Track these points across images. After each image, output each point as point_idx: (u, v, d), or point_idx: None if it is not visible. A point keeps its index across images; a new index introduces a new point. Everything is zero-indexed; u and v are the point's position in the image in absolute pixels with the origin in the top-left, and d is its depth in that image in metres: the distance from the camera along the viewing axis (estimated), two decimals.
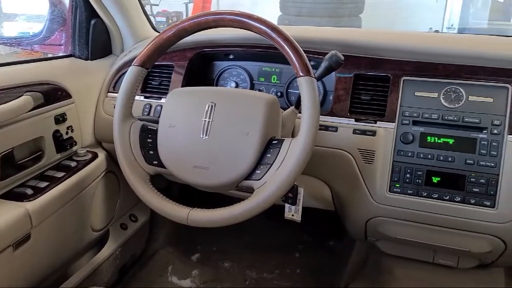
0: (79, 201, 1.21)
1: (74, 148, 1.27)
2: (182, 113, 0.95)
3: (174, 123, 0.95)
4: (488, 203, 1.00)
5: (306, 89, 0.87)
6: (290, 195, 1.05)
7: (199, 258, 1.76)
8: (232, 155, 0.89)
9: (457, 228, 1.05)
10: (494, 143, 0.99)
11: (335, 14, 4.89)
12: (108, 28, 1.40)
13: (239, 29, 0.94)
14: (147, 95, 1.30)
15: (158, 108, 1.26)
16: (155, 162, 0.97)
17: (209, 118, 0.92)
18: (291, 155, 0.86)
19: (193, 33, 0.98)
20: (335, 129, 1.10)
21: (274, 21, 0.96)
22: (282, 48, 0.89)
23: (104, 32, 1.40)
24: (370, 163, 1.07)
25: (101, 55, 1.42)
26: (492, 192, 0.99)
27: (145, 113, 1.28)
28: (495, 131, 0.99)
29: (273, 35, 0.89)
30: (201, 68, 1.33)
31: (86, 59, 1.37)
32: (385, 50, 1.10)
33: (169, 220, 0.93)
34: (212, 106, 0.92)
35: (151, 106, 1.27)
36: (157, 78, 1.32)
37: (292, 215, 1.12)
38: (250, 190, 0.90)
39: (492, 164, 0.99)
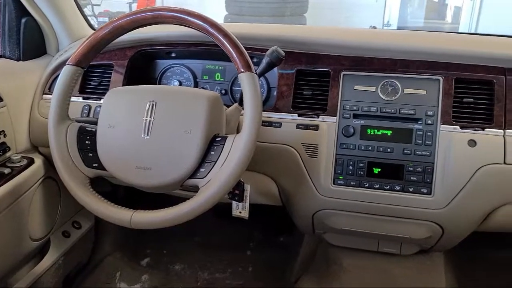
0: (15, 209, 1.14)
1: (8, 154, 1.19)
2: (122, 112, 0.92)
3: (113, 123, 0.92)
4: (425, 191, 1.04)
5: (248, 85, 0.87)
6: (237, 192, 1.04)
7: (149, 262, 1.72)
8: (175, 153, 0.88)
9: (398, 216, 1.10)
10: (428, 133, 1.04)
11: (279, 13, 4.95)
12: (41, 27, 1.33)
13: (180, 26, 0.93)
14: (86, 96, 1.25)
15: (98, 109, 1.21)
16: (95, 165, 0.93)
17: (150, 117, 0.89)
18: (234, 151, 0.86)
19: (131, 30, 0.95)
20: (279, 124, 1.11)
21: (220, 20, 0.95)
22: (222, 45, 0.89)
23: (36, 31, 1.33)
24: (314, 157, 1.09)
25: (35, 55, 1.35)
26: (428, 180, 1.04)
27: (84, 115, 1.23)
28: (429, 122, 1.04)
29: (213, 31, 0.88)
30: (143, 67, 1.30)
31: (18, 59, 1.30)
32: (324, 45, 1.12)
33: (116, 225, 0.90)
34: (153, 104, 0.90)
35: (90, 107, 1.23)
36: (96, 78, 1.27)
37: (240, 212, 1.12)
38: (195, 189, 0.89)
39: (427, 153, 1.03)
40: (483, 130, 1.01)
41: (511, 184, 1.01)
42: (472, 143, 1.01)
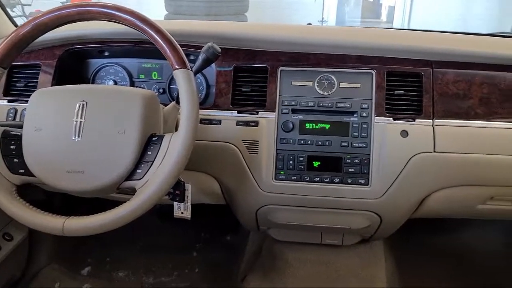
0: None
1: None
2: (50, 114, 0.87)
3: (40, 126, 0.86)
4: (362, 181, 1.07)
5: (183, 81, 0.85)
6: (177, 192, 1.02)
7: (90, 271, 1.65)
8: (109, 155, 0.84)
9: (339, 208, 1.12)
10: (364, 125, 1.07)
11: (218, 12, 4.92)
12: None
13: (113, 23, 0.89)
14: (11, 98, 1.17)
15: (25, 112, 1.14)
16: (22, 171, 0.87)
17: (80, 118, 0.85)
18: (172, 150, 0.84)
19: (55, 27, 0.90)
20: (219, 122, 1.09)
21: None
22: (155, 41, 0.86)
23: None
24: (255, 153, 1.09)
25: None
26: (365, 171, 1.07)
27: (10, 119, 1.15)
28: (364, 114, 1.07)
29: (144, 27, 0.86)
30: (74, 67, 1.24)
31: None
32: (261, 41, 1.12)
33: (52, 234, 0.85)
34: (83, 105, 0.86)
35: (16, 111, 1.15)
36: (22, 80, 1.19)
37: (182, 213, 1.10)
38: (133, 191, 0.86)
39: (364, 145, 1.06)
40: (414, 120, 1.06)
41: (441, 171, 1.07)
42: (405, 133, 1.05)
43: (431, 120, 1.06)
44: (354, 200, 1.09)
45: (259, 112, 1.10)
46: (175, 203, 1.09)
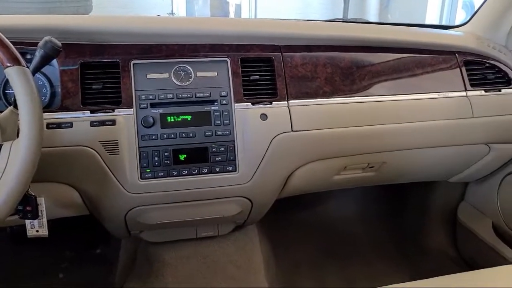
0: None
1: None
2: None
3: None
4: (230, 168, 1.08)
5: (18, 80, 0.75)
6: (28, 208, 0.90)
7: None
8: None
9: (210, 198, 1.12)
10: (225, 113, 1.07)
11: (57, 13, 4.51)
12: None
13: None
14: None
15: None
16: None
17: None
18: (13, 161, 0.73)
19: None
20: (70, 124, 0.99)
21: None
22: None
23: None
24: (116, 154, 1.01)
25: None
26: (232, 158, 1.08)
27: None
28: (224, 102, 1.08)
29: None
30: None
31: None
32: (107, 34, 1.05)
33: None
34: None
35: None
36: None
37: (37, 231, 0.97)
38: None
39: (227, 132, 1.07)
40: (271, 103, 1.10)
41: (300, 149, 1.13)
42: (264, 116, 1.09)
43: (286, 102, 1.11)
44: (224, 188, 1.10)
45: (115, 110, 1.02)
46: (27, 221, 0.96)
